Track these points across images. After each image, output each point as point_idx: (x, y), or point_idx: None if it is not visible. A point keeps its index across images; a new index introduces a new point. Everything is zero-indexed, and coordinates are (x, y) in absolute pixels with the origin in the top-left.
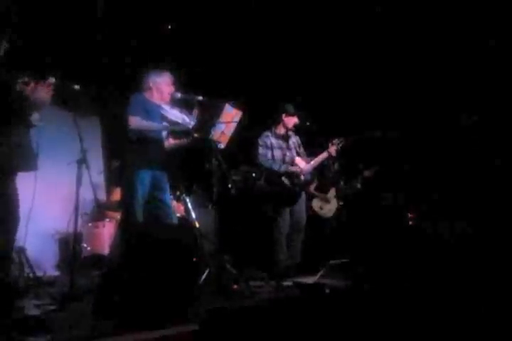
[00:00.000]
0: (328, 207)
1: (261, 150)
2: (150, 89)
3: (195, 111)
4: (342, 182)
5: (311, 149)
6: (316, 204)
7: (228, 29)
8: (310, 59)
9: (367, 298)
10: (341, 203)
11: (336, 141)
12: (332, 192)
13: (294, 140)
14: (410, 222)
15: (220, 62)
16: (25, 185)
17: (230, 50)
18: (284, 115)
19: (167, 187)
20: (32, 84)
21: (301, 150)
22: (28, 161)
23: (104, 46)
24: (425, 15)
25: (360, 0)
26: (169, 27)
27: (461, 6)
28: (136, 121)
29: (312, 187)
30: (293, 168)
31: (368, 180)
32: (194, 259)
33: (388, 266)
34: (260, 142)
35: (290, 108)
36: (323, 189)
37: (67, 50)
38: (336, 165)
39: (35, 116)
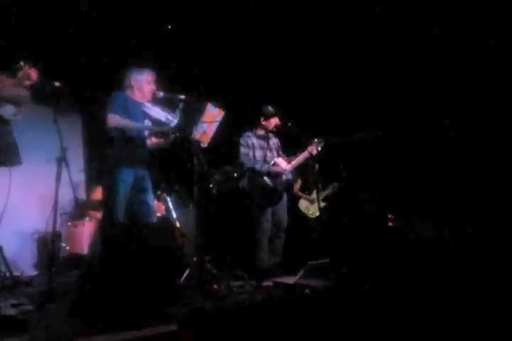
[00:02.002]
0: (314, 207)
1: (242, 149)
2: (131, 86)
3: (178, 110)
4: (320, 184)
5: (292, 150)
6: (302, 205)
7: (211, 28)
8: (292, 58)
9: (347, 298)
10: (324, 204)
11: (316, 140)
12: (315, 194)
13: (275, 141)
14: (390, 223)
15: (202, 61)
16: (1, 183)
17: (212, 49)
18: (262, 118)
19: (149, 186)
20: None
21: (281, 151)
22: (9, 156)
23: (85, 43)
24: (409, 15)
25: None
26: (169, 27)
27: (458, 7)
28: (114, 120)
29: (297, 188)
30: (275, 168)
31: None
32: (174, 259)
33: (369, 266)
34: (242, 142)
35: (268, 110)
36: (307, 190)
37: (48, 46)
38: (316, 166)
39: (6, 110)
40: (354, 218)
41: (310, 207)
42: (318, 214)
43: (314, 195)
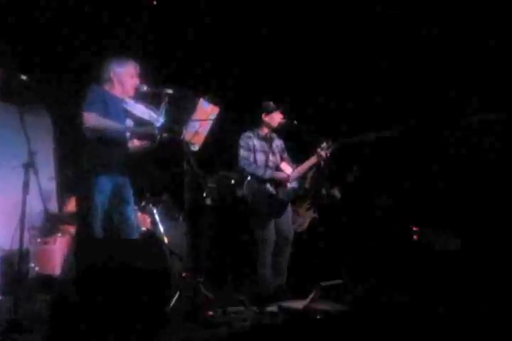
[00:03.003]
0: (299, 220)
1: (243, 152)
2: (110, 80)
3: (163, 105)
4: (324, 191)
5: (298, 153)
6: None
7: (205, 12)
8: (295, 50)
9: (365, 325)
10: (316, 215)
11: (325, 144)
12: (304, 204)
13: (278, 143)
14: (414, 237)
15: (193, 49)
16: None
17: (206, 36)
18: (264, 115)
19: (130, 196)
20: None
21: (286, 155)
22: None
23: (57, 30)
24: (412, 13)
25: None
26: (154, 2)
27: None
28: (91, 119)
29: None
30: (279, 174)
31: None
32: (162, 281)
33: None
34: (242, 143)
35: (269, 105)
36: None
37: (14, 33)
38: (326, 172)
39: None
40: (371, 229)
41: (294, 220)
42: (301, 229)
43: (302, 206)
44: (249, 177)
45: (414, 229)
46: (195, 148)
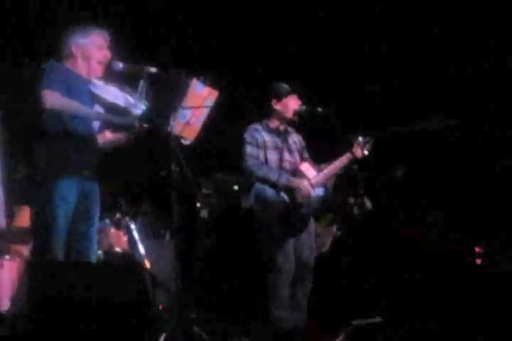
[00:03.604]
0: (317, 241)
1: (249, 149)
2: (72, 56)
3: (143, 88)
4: (352, 200)
5: (323, 152)
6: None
7: None
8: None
9: None
10: (339, 232)
11: (361, 139)
12: (327, 218)
13: (296, 139)
14: (478, 260)
15: (184, 16)
16: None
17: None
18: (274, 101)
19: (97, 207)
20: None
21: (306, 154)
22: None
23: None
24: None
25: None
26: None
27: None
28: (53, 98)
29: None
30: (299, 180)
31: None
32: (142, 318)
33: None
34: (248, 138)
35: (281, 87)
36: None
37: None
38: (361, 175)
39: None
40: (417, 251)
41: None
42: (322, 250)
43: (322, 221)
44: (258, 183)
45: (478, 250)
46: (187, 142)
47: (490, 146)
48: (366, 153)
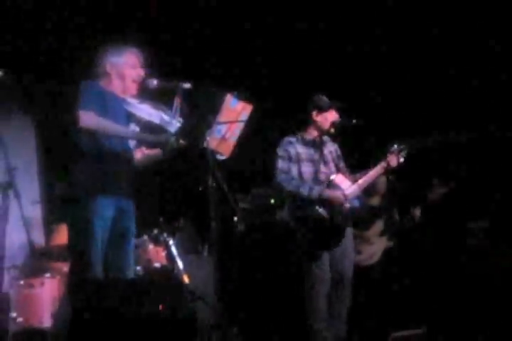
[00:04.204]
0: (369, 250)
1: (281, 164)
2: (107, 74)
3: (178, 104)
4: (396, 211)
5: (357, 162)
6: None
7: None
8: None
9: None
10: (391, 244)
11: (396, 147)
12: (376, 228)
13: (332, 149)
14: None
15: (217, 32)
16: None
17: (232, 15)
18: (315, 113)
19: (132, 225)
20: None
21: (342, 164)
22: None
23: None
24: None
25: None
26: None
27: None
28: (90, 119)
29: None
30: (331, 193)
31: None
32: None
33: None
34: (280, 152)
35: (323, 100)
36: (360, 223)
37: None
38: (398, 186)
39: None
40: (463, 262)
41: (363, 250)
42: (373, 261)
43: (371, 231)
44: (291, 197)
45: None
46: (222, 158)
47: None
48: (402, 160)
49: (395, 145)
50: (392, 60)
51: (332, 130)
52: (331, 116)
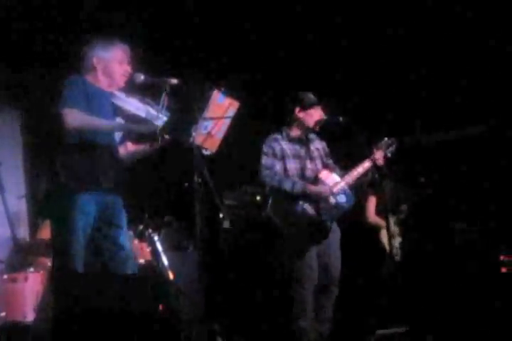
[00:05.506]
0: (396, 242)
1: (265, 160)
2: (94, 69)
3: (165, 99)
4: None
5: (345, 159)
6: (384, 237)
7: None
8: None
9: None
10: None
11: (384, 142)
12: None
13: (319, 146)
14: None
15: (203, 28)
16: None
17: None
18: (297, 109)
19: (122, 218)
20: None
21: (330, 161)
22: None
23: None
24: None
25: None
26: None
27: None
28: (75, 117)
29: (371, 212)
30: (314, 188)
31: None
32: (166, 329)
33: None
34: (265, 149)
35: (308, 98)
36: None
37: None
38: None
39: None
40: (446, 260)
41: (393, 243)
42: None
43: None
44: (274, 193)
45: (503, 258)
46: (208, 153)
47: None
48: (389, 155)
49: (382, 141)
50: (383, 58)
51: (317, 128)
52: (315, 114)
